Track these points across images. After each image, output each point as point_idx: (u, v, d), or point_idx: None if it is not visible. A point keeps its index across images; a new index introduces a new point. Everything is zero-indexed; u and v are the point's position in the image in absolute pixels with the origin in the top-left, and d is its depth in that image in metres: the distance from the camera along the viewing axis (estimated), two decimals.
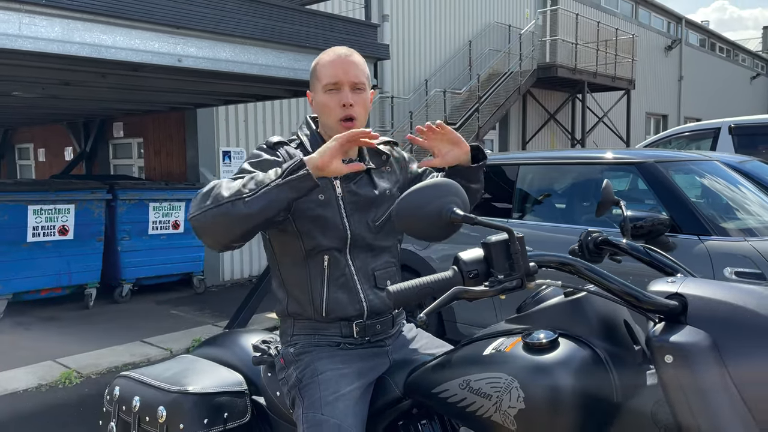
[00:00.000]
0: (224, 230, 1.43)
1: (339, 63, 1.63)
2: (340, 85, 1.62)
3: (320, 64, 1.67)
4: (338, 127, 1.62)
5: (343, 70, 1.62)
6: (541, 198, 4.19)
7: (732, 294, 1.13)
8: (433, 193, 1.20)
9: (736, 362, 1.07)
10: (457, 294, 1.11)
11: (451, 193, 1.21)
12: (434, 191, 1.20)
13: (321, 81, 1.65)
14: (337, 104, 1.62)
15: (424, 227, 1.20)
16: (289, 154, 1.64)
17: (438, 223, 1.19)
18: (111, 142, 9.73)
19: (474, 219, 1.18)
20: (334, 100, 1.62)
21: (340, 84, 1.62)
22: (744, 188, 3.73)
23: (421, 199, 1.20)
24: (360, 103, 1.64)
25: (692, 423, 1.07)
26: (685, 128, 7.80)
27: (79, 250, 6.27)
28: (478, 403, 1.29)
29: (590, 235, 1.57)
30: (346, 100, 1.61)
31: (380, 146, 1.77)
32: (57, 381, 4.03)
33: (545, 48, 13.87)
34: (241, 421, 1.80)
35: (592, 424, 1.21)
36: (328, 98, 1.63)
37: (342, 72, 1.62)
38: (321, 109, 1.66)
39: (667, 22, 21.31)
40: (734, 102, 25.43)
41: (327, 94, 1.63)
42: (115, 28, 3.81)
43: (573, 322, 1.28)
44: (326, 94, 1.63)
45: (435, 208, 1.19)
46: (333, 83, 1.62)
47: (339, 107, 1.62)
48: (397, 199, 1.21)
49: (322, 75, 1.65)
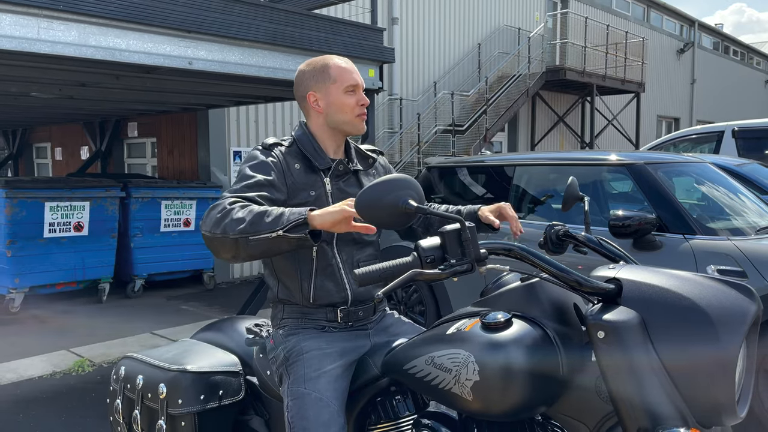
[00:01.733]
0: (231, 257, 1.58)
1: (354, 69, 1.87)
2: (359, 87, 1.84)
3: (336, 67, 1.83)
4: (356, 121, 1.83)
5: (358, 75, 1.87)
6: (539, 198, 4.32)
7: (663, 279, 1.27)
8: (390, 186, 1.36)
9: (661, 337, 1.21)
10: (414, 276, 1.26)
11: (407, 187, 1.37)
12: (391, 185, 1.36)
13: (341, 83, 1.82)
14: (356, 103, 1.83)
15: (382, 216, 1.36)
16: (282, 154, 1.79)
17: (394, 212, 1.34)
18: (126, 141, 9.97)
19: (426, 209, 1.33)
20: (353, 100, 1.82)
21: (359, 87, 1.84)
22: (733, 190, 3.82)
23: (379, 191, 1.35)
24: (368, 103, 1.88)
25: (621, 391, 1.21)
26: (690, 131, 7.87)
27: (94, 246, 6.48)
28: (440, 377, 1.43)
29: (553, 227, 1.71)
30: (365, 100, 1.85)
31: (368, 152, 1.95)
32: (70, 369, 4.23)
33: (554, 51, 13.95)
34: (235, 398, 1.95)
35: (541, 395, 1.35)
36: (347, 98, 1.82)
37: (357, 77, 1.86)
38: (339, 108, 1.82)
39: (680, 25, 21.26)
40: (748, 105, 25.27)
41: (347, 94, 1.82)
42: (128, 32, 3.99)
43: (527, 304, 1.42)
44: (346, 95, 1.82)
45: (392, 200, 1.34)
46: (353, 85, 1.83)
47: (357, 106, 1.83)
48: (359, 192, 1.37)
49: (341, 78, 1.82)
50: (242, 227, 1.51)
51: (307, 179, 1.77)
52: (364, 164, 1.91)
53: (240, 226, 1.51)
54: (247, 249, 1.52)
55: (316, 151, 1.81)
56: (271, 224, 1.49)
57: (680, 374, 1.19)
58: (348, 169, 1.84)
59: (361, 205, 1.35)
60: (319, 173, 1.80)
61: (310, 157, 1.79)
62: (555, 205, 4.27)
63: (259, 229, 1.50)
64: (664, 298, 1.23)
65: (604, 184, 4.28)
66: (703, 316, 1.19)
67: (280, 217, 1.50)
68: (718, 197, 3.74)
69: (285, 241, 1.48)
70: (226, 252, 1.56)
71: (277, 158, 1.76)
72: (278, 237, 1.47)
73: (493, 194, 4.34)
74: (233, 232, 1.52)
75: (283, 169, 1.75)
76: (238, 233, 1.51)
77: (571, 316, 1.45)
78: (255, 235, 1.49)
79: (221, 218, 1.55)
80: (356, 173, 1.87)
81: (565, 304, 1.46)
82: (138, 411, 1.98)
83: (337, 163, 1.81)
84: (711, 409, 1.18)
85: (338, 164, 1.82)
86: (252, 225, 1.51)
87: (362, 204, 1.35)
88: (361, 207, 1.35)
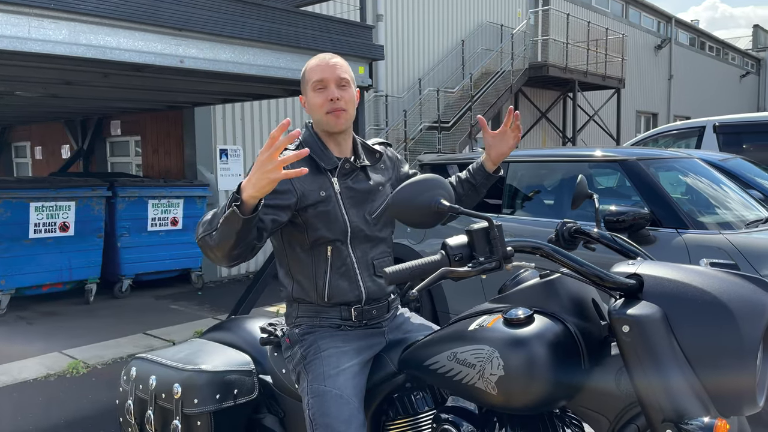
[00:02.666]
0: (213, 256, 1.61)
1: (323, 64, 1.81)
2: (326, 82, 1.79)
3: (308, 69, 1.85)
4: (326, 119, 1.80)
5: (328, 70, 1.80)
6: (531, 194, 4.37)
7: (682, 274, 1.31)
8: (423, 186, 1.38)
9: (683, 331, 1.25)
10: (444, 274, 1.28)
11: (439, 187, 1.40)
12: (424, 185, 1.39)
13: (309, 82, 1.82)
14: (324, 100, 1.79)
15: (415, 216, 1.38)
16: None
17: (427, 212, 1.37)
18: (108, 140, 9.85)
19: (458, 209, 1.36)
20: (322, 97, 1.79)
21: (326, 81, 1.79)
22: (722, 184, 3.91)
23: (412, 191, 1.38)
24: (346, 97, 1.81)
25: (646, 383, 1.25)
26: (672, 126, 8.00)
27: (80, 246, 6.41)
28: (463, 372, 1.46)
29: (566, 224, 1.75)
30: (332, 95, 1.78)
31: (375, 146, 1.95)
32: (65, 371, 4.19)
33: (537, 47, 14.07)
34: (249, 397, 1.96)
35: (563, 389, 1.39)
36: (316, 96, 1.80)
37: (328, 71, 1.80)
38: (311, 108, 1.83)
39: (657, 21, 21.56)
40: (724, 100, 25.73)
41: (315, 92, 1.80)
42: (119, 30, 3.95)
43: (547, 300, 1.46)
44: (314, 93, 1.80)
45: (425, 200, 1.37)
46: (319, 80, 1.79)
47: (327, 102, 1.79)
48: (392, 192, 1.39)
49: (310, 76, 1.82)
50: (205, 227, 1.58)
51: (315, 180, 1.77)
52: (371, 159, 1.91)
53: (204, 227, 1.59)
54: (213, 245, 1.56)
55: (322, 152, 1.82)
56: (220, 213, 1.54)
57: (703, 366, 1.23)
58: (355, 167, 1.84)
59: (395, 205, 1.37)
60: (326, 173, 1.80)
61: (316, 158, 1.80)
62: (547, 201, 4.33)
63: (215, 223, 1.55)
64: (684, 292, 1.27)
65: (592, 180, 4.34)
66: (724, 310, 1.23)
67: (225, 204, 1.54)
68: (708, 192, 3.82)
69: (230, 223, 1.49)
70: (207, 253, 1.61)
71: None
72: (224, 222, 1.50)
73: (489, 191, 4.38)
74: (200, 233, 1.59)
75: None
76: (203, 233, 1.58)
77: (590, 311, 1.48)
78: (214, 229, 1.54)
79: (198, 225, 1.64)
80: (364, 169, 1.88)
81: (584, 299, 1.49)
82: (151, 411, 1.98)
83: (343, 161, 1.82)
84: (732, 400, 1.22)
85: (344, 163, 1.82)
86: (211, 222, 1.57)
87: (396, 203, 1.37)
88: (395, 207, 1.37)
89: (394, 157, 2.02)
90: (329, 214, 1.76)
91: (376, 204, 1.86)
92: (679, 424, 1.19)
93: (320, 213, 1.76)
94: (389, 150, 2.02)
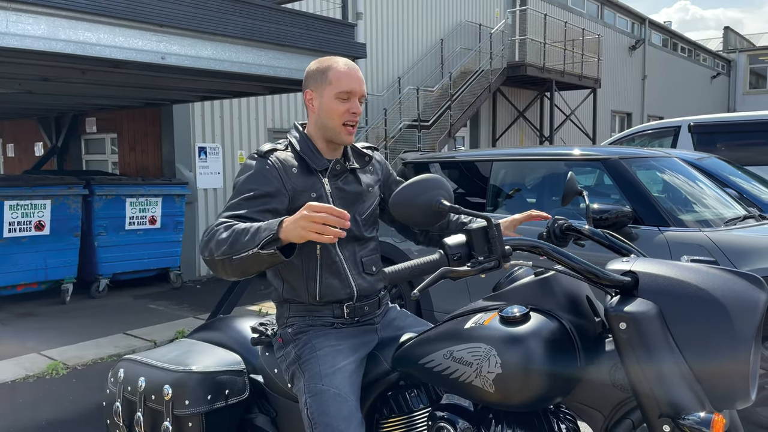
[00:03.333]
0: (226, 276, 1.60)
1: (354, 75, 1.79)
2: (353, 95, 1.78)
3: (335, 70, 1.79)
4: (341, 129, 1.79)
5: (357, 82, 1.78)
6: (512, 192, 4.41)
7: (676, 271, 1.33)
8: (424, 186, 1.40)
9: (679, 327, 1.27)
10: (444, 273, 1.29)
11: (439, 187, 1.41)
12: (424, 185, 1.40)
13: (335, 87, 1.77)
14: (346, 111, 1.77)
15: (416, 215, 1.39)
16: (279, 159, 1.77)
17: (428, 211, 1.38)
18: (83, 137, 9.68)
19: (458, 209, 1.37)
20: (344, 107, 1.77)
21: (354, 94, 1.78)
22: (700, 183, 3.99)
23: (413, 191, 1.39)
24: (360, 112, 1.82)
25: (642, 379, 1.27)
26: (648, 126, 8.13)
27: (56, 246, 6.29)
28: (460, 371, 1.47)
29: (557, 221, 1.77)
30: (357, 109, 1.79)
31: (363, 149, 1.95)
32: (44, 372, 4.11)
33: (515, 47, 14.18)
34: (240, 397, 1.95)
35: (560, 385, 1.40)
36: (338, 104, 1.77)
37: (357, 84, 1.78)
38: (327, 112, 1.79)
39: (631, 22, 21.87)
40: (695, 100, 26.22)
41: (338, 100, 1.77)
42: (99, 25, 3.89)
43: (542, 297, 1.47)
44: (337, 100, 1.77)
45: (426, 199, 1.38)
46: (347, 92, 1.77)
47: (347, 114, 1.78)
48: (394, 192, 1.39)
49: (337, 82, 1.77)
50: (224, 249, 1.54)
51: (306, 181, 1.77)
52: (360, 162, 1.92)
53: (222, 248, 1.55)
54: (234, 268, 1.54)
55: (312, 152, 1.81)
56: (247, 243, 1.51)
57: (698, 361, 1.25)
58: (345, 168, 1.84)
59: (397, 204, 1.37)
60: (317, 174, 1.80)
61: (306, 159, 1.79)
62: (530, 200, 4.37)
63: (238, 249, 1.52)
64: (679, 289, 1.30)
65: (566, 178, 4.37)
66: (718, 306, 1.25)
67: (256, 233, 1.50)
68: (687, 190, 3.90)
69: (262, 260, 1.49)
70: (222, 272, 1.59)
71: (273, 165, 1.75)
72: (254, 255, 1.48)
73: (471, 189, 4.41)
74: (218, 254, 1.55)
75: (281, 175, 1.74)
76: (222, 255, 1.55)
77: (584, 307, 1.50)
78: (236, 254, 1.52)
79: (208, 241, 1.59)
80: (354, 171, 1.88)
81: (579, 296, 1.51)
82: (140, 413, 1.95)
83: (334, 163, 1.82)
84: (726, 394, 1.25)
85: (335, 164, 1.82)
86: (232, 246, 1.53)
87: (398, 203, 1.37)
88: (397, 206, 1.37)
89: (382, 161, 2.03)
90: None
91: (366, 205, 1.88)
92: (676, 419, 1.22)
93: None
94: (377, 154, 2.03)
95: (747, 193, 5.16)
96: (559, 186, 4.10)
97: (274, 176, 1.72)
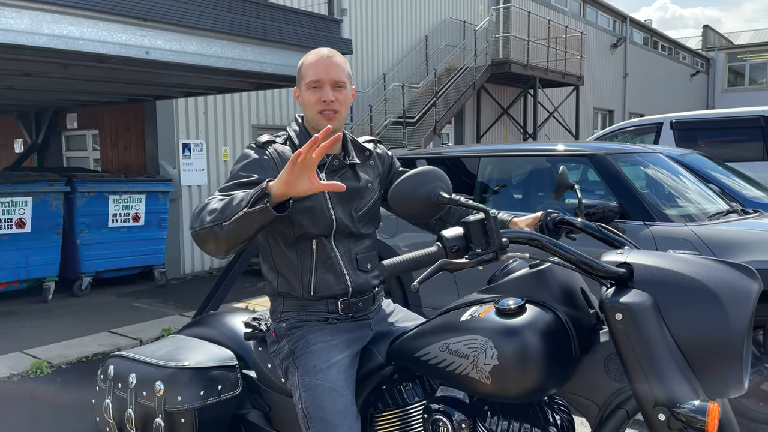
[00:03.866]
0: (215, 247, 1.57)
1: (321, 63, 1.78)
2: (321, 83, 1.77)
3: (305, 64, 1.82)
4: (317, 118, 1.78)
5: (324, 70, 1.77)
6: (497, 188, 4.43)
7: (670, 262, 1.35)
8: (423, 178, 1.40)
9: (673, 317, 1.29)
10: (443, 266, 1.29)
11: (437, 179, 1.41)
12: (423, 177, 1.40)
13: (305, 78, 1.79)
14: (318, 100, 1.77)
15: (415, 208, 1.39)
16: (277, 152, 1.77)
17: (427, 204, 1.38)
18: (64, 133, 9.55)
19: (457, 200, 1.37)
20: (316, 96, 1.77)
21: (322, 82, 1.77)
22: (684, 178, 4.04)
23: (414, 183, 1.39)
24: (341, 98, 1.79)
25: (637, 366, 1.28)
26: (631, 123, 8.22)
27: (37, 244, 6.20)
28: (456, 363, 1.47)
29: (549, 215, 1.78)
30: (326, 97, 1.76)
31: (365, 143, 1.93)
32: (28, 371, 4.06)
33: (498, 44, 14.23)
34: (233, 392, 1.94)
35: (556, 376, 1.41)
36: (310, 95, 1.78)
37: (323, 71, 1.77)
38: (304, 105, 1.81)
39: (612, 20, 22.06)
40: (675, 98, 26.54)
41: (309, 90, 1.78)
42: (83, 20, 3.83)
43: (537, 290, 1.48)
44: (309, 91, 1.78)
45: (425, 192, 1.38)
46: (315, 81, 1.77)
47: (320, 102, 1.77)
48: (392, 186, 1.39)
49: (306, 74, 1.80)
50: (215, 216, 1.54)
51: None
52: (361, 157, 1.90)
53: (213, 215, 1.54)
54: (222, 236, 1.52)
55: None
56: (237, 205, 1.51)
57: (692, 351, 1.27)
58: (344, 164, 1.83)
59: (396, 198, 1.37)
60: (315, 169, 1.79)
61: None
62: (516, 195, 4.39)
63: (229, 214, 1.51)
64: (673, 280, 1.31)
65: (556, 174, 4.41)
66: (712, 296, 1.27)
67: (245, 196, 1.51)
68: (672, 185, 3.94)
69: (253, 219, 1.47)
70: (208, 244, 1.57)
71: (271, 156, 1.75)
72: (246, 215, 1.47)
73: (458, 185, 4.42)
74: (208, 221, 1.54)
75: (278, 166, 1.73)
76: (212, 221, 1.54)
77: (579, 299, 1.52)
78: (226, 220, 1.51)
79: (199, 212, 1.58)
80: (353, 166, 1.86)
81: (573, 288, 1.53)
82: (131, 410, 1.93)
83: (332, 158, 1.80)
84: (720, 383, 1.27)
85: (333, 159, 1.80)
86: (223, 211, 1.53)
87: (397, 196, 1.37)
88: (396, 200, 1.37)
89: (384, 155, 2.00)
90: (315, 209, 1.75)
91: (363, 202, 1.85)
92: (672, 408, 1.23)
93: (306, 208, 1.74)
94: (379, 147, 2.01)
95: (728, 189, 5.25)
96: (545, 181, 4.13)
97: (271, 167, 1.71)
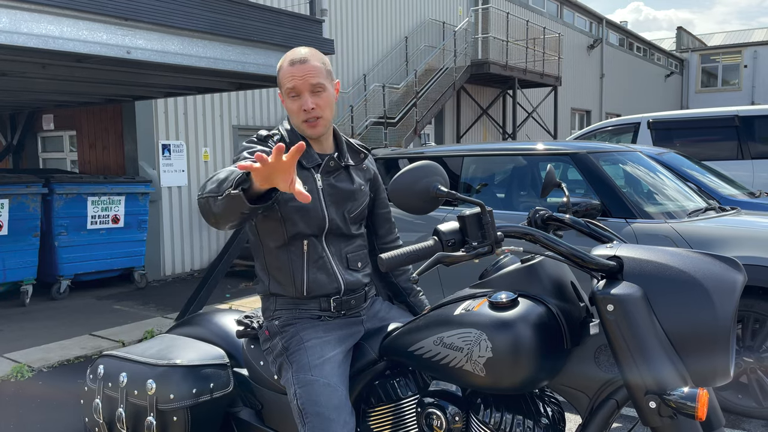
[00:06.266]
0: (213, 220, 1.53)
1: (297, 70, 1.71)
2: (298, 90, 1.73)
3: (281, 70, 1.77)
4: (302, 126, 1.76)
5: (300, 77, 1.71)
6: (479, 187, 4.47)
7: (659, 255, 1.39)
8: (422, 172, 1.42)
9: (662, 308, 1.33)
10: (440, 259, 1.31)
11: (435, 173, 1.43)
12: (423, 171, 1.42)
13: (283, 87, 1.76)
14: (299, 109, 1.74)
15: (414, 201, 1.41)
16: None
17: (425, 197, 1.41)
18: (40, 134, 9.39)
19: (455, 194, 1.40)
20: (296, 105, 1.74)
21: (298, 90, 1.72)
22: (663, 177, 4.12)
23: (413, 177, 1.41)
24: (321, 103, 1.74)
25: (628, 356, 1.32)
26: (609, 123, 8.34)
27: (14, 246, 6.10)
28: (451, 356, 1.50)
29: (538, 212, 1.81)
30: (306, 105, 1.72)
31: (358, 146, 1.93)
32: (8, 375, 3.99)
33: (478, 45, 14.34)
34: (225, 390, 1.94)
35: (548, 368, 1.44)
36: (291, 103, 1.75)
37: (299, 79, 1.71)
38: (288, 111, 1.79)
39: (589, 22, 22.36)
40: (650, 98, 26.98)
41: (290, 99, 1.75)
42: (63, 18, 3.78)
43: (529, 283, 1.51)
44: (289, 99, 1.76)
45: (424, 185, 1.41)
46: (291, 88, 1.73)
47: (301, 111, 1.74)
48: (392, 180, 1.41)
49: (283, 81, 1.76)
50: (214, 187, 1.50)
51: (299, 174, 1.74)
52: (356, 159, 1.90)
53: (213, 186, 1.50)
54: (215, 210, 1.48)
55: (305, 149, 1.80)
56: (229, 182, 1.45)
57: (681, 340, 1.31)
58: (339, 165, 1.83)
59: (395, 191, 1.39)
60: (310, 169, 1.78)
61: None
62: (500, 195, 4.44)
63: (222, 188, 1.46)
64: (662, 272, 1.35)
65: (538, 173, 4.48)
66: (699, 288, 1.31)
67: (233, 176, 1.45)
68: (651, 183, 4.02)
69: (235, 202, 1.41)
70: (208, 214, 1.52)
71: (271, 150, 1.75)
72: (228, 195, 1.42)
73: None
74: (207, 191, 1.51)
75: None
76: (209, 193, 1.50)
77: (569, 293, 1.55)
78: (220, 195, 1.46)
79: (207, 182, 1.54)
80: (347, 168, 1.86)
81: (564, 282, 1.56)
82: (122, 409, 1.93)
83: (328, 159, 1.80)
84: (707, 371, 1.31)
85: (329, 160, 1.80)
86: (220, 184, 1.48)
87: (396, 190, 1.39)
88: (396, 193, 1.39)
89: (373, 169, 2.00)
90: (309, 209, 1.75)
91: (356, 204, 1.86)
92: (662, 395, 1.27)
93: (300, 207, 1.75)
94: (370, 158, 2.00)
95: (705, 187, 5.36)
96: (528, 180, 4.18)
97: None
